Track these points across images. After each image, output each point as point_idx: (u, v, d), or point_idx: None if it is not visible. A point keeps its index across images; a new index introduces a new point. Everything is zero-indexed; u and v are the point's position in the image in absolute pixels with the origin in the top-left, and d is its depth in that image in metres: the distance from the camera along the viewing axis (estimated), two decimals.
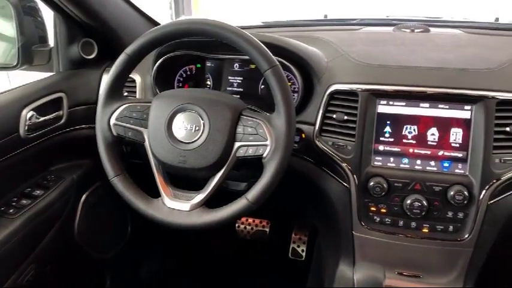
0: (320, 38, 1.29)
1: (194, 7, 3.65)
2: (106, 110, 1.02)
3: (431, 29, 1.40)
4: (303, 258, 1.82)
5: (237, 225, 1.91)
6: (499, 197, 1.02)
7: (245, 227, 1.90)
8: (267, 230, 1.89)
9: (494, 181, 1.00)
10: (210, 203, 0.98)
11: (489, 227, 1.04)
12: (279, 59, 1.09)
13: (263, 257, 1.93)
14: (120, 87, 1.05)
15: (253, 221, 1.91)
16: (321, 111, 1.10)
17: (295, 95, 1.18)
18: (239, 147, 0.95)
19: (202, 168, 0.96)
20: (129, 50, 1.00)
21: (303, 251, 1.83)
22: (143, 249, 1.83)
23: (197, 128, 0.96)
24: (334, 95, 1.09)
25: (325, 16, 1.74)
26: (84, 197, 1.42)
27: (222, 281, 1.87)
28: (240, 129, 0.95)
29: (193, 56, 1.29)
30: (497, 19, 1.68)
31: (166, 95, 1.03)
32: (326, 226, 1.33)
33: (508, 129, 1.00)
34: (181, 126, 0.97)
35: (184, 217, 0.96)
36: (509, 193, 1.03)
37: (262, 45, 0.94)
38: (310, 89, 1.15)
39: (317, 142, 1.10)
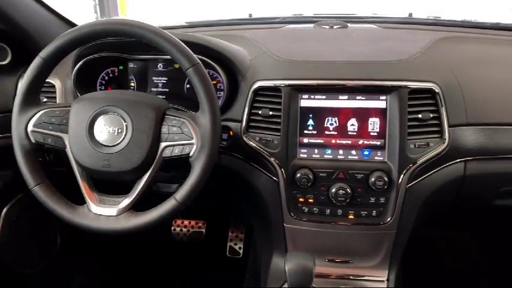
0: (244, 37, 1.31)
1: (121, 11, 3.55)
2: (22, 117, 0.98)
3: (349, 25, 1.46)
4: (241, 256, 1.83)
5: (172, 228, 1.89)
6: (416, 180, 1.09)
7: (181, 229, 1.88)
8: (203, 230, 1.88)
9: (411, 165, 1.06)
10: (140, 206, 0.97)
11: (409, 209, 1.10)
12: (202, 57, 1.10)
13: (201, 257, 1.93)
14: (36, 92, 1.01)
15: (189, 223, 1.90)
16: (246, 108, 1.12)
17: (221, 93, 1.18)
18: (165, 147, 0.94)
19: (127, 171, 0.94)
20: (43, 53, 0.96)
21: (240, 248, 1.85)
22: (76, 260, 1.76)
23: (120, 130, 0.94)
24: (258, 91, 1.11)
25: (250, 15, 1.76)
26: (5, 210, 1.34)
27: (160, 285, 1.84)
28: (164, 129, 0.95)
29: (115, 58, 1.26)
30: (410, 14, 1.78)
31: (86, 98, 1.00)
32: (259, 221, 1.35)
33: (420, 116, 1.06)
34: (103, 130, 0.95)
35: (112, 222, 0.94)
36: (425, 176, 1.10)
37: (183, 44, 0.94)
38: (235, 87, 1.17)
39: (245, 138, 1.11)
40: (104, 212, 0.95)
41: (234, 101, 1.15)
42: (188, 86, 1.25)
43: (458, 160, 1.11)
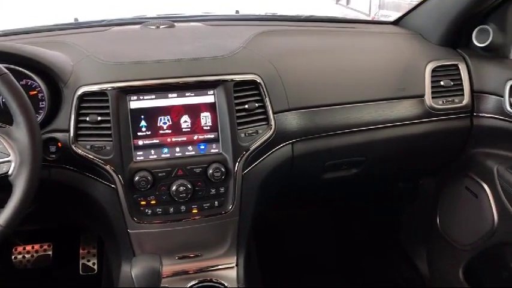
0: (65, 42, 1.24)
1: None
2: None
3: (177, 24, 1.47)
4: (96, 271, 1.74)
5: (13, 256, 1.71)
6: (250, 167, 1.15)
7: (23, 256, 1.71)
8: (50, 253, 1.74)
9: (244, 153, 1.12)
10: None
11: (248, 194, 1.17)
12: (13, 66, 1.01)
13: (51, 282, 1.78)
14: None
15: (33, 247, 1.74)
16: (73, 116, 1.06)
17: (43, 103, 1.10)
18: None
19: None
20: None
21: (94, 264, 1.75)
22: None
23: None
24: (83, 97, 1.06)
25: (76, 20, 1.68)
26: None
27: None
28: None
29: None
30: (237, 11, 1.87)
31: None
32: (104, 232, 1.30)
33: (247, 106, 1.13)
34: None
35: None
36: (258, 161, 1.17)
37: None
38: (58, 95, 1.10)
39: (74, 148, 1.05)
40: None
41: (58, 110, 1.09)
42: (4, 100, 1.14)
43: (286, 143, 1.21)
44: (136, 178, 1.07)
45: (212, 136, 1.12)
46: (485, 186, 1.40)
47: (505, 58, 1.37)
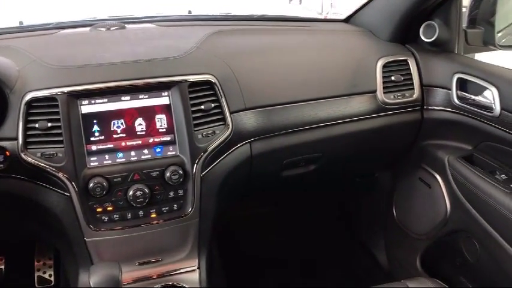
0: (9, 46, 1.19)
1: None
2: None
3: (128, 25, 1.44)
4: (53, 283, 1.68)
5: None
6: (209, 168, 1.15)
7: None
8: (2, 267, 1.66)
9: (202, 154, 1.11)
10: None
11: (207, 196, 1.16)
12: None
13: None
14: None
15: None
16: (21, 123, 1.02)
17: None
18: None
19: None
20: None
21: (50, 275, 1.69)
22: None
23: None
24: (32, 103, 1.02)
25: (21, 23, 1.61)
26: None
27: None
28: None
29: None
30: (190, 11, 1.86)
31: None
32: (60, 242, 1.26)
33: (203, 107, 1.12)
34: None
35: None
36: (216, 162, 1.17)
37: None
38: (4, 102, 1.05)
39: (24, 156, 1.01)
40: None
41: (4, 118, 1.04)
42: None
43: (244, 142, 1.21)
44: (91, 184, 1.03)
45: (168, 138, 1.11)
46: (438, 177, 1.45)
47: (451, 52, 1.43)
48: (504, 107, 1.18)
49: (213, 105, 1.13)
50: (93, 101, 1.06)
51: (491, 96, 1.21)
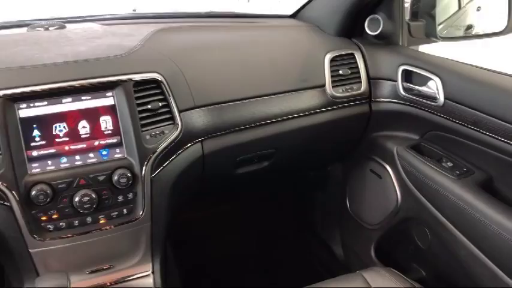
0: None
1: None
2: None
3: (68, 25, 1.38)
4: None
5: None
6: (159, 169, 1.11)
7: None
8: None
9: (151, 155, 1.07)
10: None
11: (159, 198, 1.12)
12: None
13: None
14: None
15: None
16: None
17: None
18: None
19: None
20: None
21: None
22: None
23: None
24: None
25: None
26: None
27: None
28: None
29: None
30: (134, 10, 1.81)
31: None
32: (1, 255, 1.19)
33: (150, 106, 1.08)
34: None
35: None
36: (167, 163, 1.13)
37: None
38: None
39: None
40: None
41: None
42: None
43: (195, 141, 1.18)
44: (34, 192, 0.98)
45: (115, 140, 1.06)
46: (388, 167, 1.48)
47: (396, 45, 1.46)
48: (447, 96, 1.22)
49: (160, 104, 1.10)
50: (31, 104, 1.00)
51: (435, 87, 1.25)
